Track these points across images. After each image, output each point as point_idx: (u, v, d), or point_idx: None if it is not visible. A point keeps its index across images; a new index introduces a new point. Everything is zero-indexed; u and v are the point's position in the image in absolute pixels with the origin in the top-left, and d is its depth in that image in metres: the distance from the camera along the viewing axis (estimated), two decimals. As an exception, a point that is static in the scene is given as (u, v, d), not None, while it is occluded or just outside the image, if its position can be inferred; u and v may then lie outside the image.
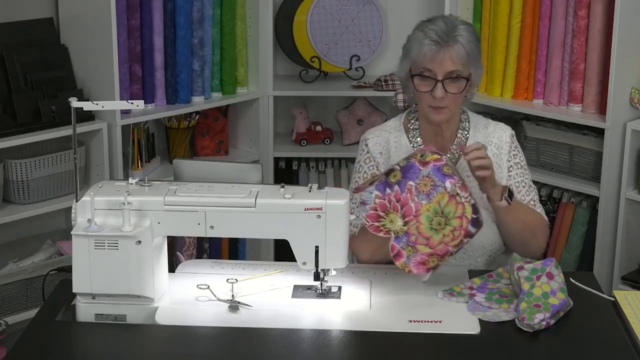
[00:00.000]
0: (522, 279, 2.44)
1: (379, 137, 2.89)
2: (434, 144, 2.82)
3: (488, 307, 2.45)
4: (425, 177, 2.51)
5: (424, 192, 2.49)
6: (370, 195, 2.52)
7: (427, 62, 2.71)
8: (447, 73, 2.71)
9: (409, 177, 2.51)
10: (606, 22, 3.77)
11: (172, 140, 4.12)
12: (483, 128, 2.88)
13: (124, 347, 2.33)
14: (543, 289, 2.42)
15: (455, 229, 2.50)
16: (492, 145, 2.85)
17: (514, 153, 2.86)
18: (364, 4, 4.35)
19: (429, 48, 2.70)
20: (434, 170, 2.50)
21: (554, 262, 2.49)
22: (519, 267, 2.48)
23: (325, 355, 2.28)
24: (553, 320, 2.38)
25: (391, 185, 2.52)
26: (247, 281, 2.58)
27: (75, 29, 3.78)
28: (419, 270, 2.52)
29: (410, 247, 2.50)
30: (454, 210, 2.49)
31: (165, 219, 2.41)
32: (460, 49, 2.71)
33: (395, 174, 2.53)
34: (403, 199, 2.50)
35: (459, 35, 2.72)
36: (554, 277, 2.45)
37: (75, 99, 2.43)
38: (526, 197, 2.83)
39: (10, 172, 3.56)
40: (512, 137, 2.88)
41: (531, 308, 2.38)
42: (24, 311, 3.61)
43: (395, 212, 2.50)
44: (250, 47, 4.20)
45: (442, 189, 2.49)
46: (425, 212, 2.49)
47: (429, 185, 2.50)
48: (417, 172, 2.51)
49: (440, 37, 2.70)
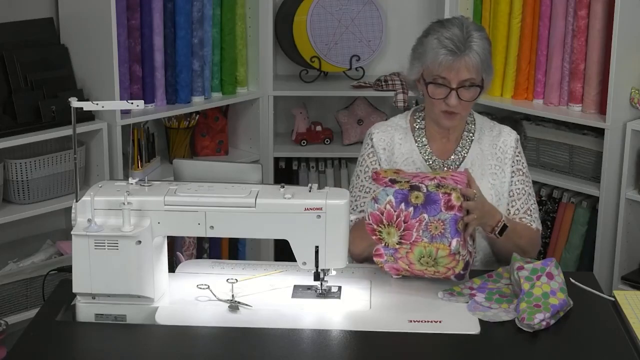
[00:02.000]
0: (522, 279, 2.44)
1: (384, 133, 2.89)
2: (439, 144, 2.84)
3: (488, 307, 2.45)
4: (440, 220, 2.47)
5: (430, 233, 2.47)
6: (385, 198, 2.50)
7: (442, 71, 2.70)
8: (462, 81, 2.71)
9: (427, 210, 2.48)
10: (606, 22, 3.77)
11: (172, 140, 4.12)
12: (488, 131, 2.88)
13: (124, 347, 2.33)
14: (543, 289, 2.42)
15: (439, 272, 2.52)
16: (496, 148, 2.85)
17: (518, 159, 2.86)
18: (364, 4, 4.34)
19: (445, 58, 2.69)
20: (451, 221, 2.47)
21: (554, 262, 2.49)
22: (519, 267, 2.48)
23: (325, 355, 2.28)
24: (553, 320, 2.38)
25: (408, 203, 2.49)
26: (247, 281, 2.58)
27: (75, 29, 3.78)
28: (391, 271, 2.57)
29: (393, 258, 2.53)
30: (447, 262, 2.49)
31: (165, 219, 2.41)
32: (475, 57, 2.70)
33: (417, 196, 2.49)
34: (410, 224, 2.48)
35: (474, 44, 2.70)
36: (554, 277, 2.45)
37: (75, 99, 2.43)
38: (524, 205, 2.83)
39: (10, 172, 3.56)
40: (517, 141, 2.87)
41: (531, 308, 2.38)
42: (24, 311, 3.61)
43: (397, 229, 2.49)
44: (250, 47, 4.20)
45: (447, 243, 2.47)
46: (420, 247, 2.48)
47: (439, 230, 2.47)
48: (436, 211, 2.47)
49: (456, 47, 2.68)
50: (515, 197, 2.83)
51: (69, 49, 3.80)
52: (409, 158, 2.84)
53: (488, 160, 2.84)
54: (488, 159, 2.84)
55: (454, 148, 2.85)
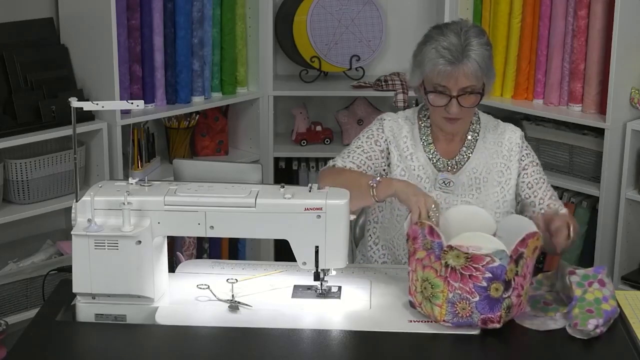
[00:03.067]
0: (574, 285, 2.42)
1: (395, 122, 2.88)
2: (443, 144, 2.85)
3: (534, 315, 2.43)
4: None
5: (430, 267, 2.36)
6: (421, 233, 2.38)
7: (441, 80, 2.70)
8: (462, 89, 2.70)
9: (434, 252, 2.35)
10: (606, 22, 3.77)
11: (172, 140, 4.12)
12: (493, 129, 2.89)
13: (124, 347, 2.33)
14: (595, 295, 2.39)
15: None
16: (502, 146, 2.86)
17: (527, 152, 2.88)
18: (364, 4, 4.34)
19: (444, 68, 2.68)
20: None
21: (606, 270, 2.47)
22: (570, 271, 2.45)
23: (325, 355, 2.28)
24: (605, 328, 2.35)
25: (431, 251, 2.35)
26: (247, 281, 2.58)
27: (75, 29, 3.78)
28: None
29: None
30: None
31: (165, 219, 2.41)
32: (474, 65, 2.69)
33: (457, 257, 2.31)
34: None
35: (473, 52, 2.69)
36: (605, 285, 2.43)
37: (75, 99, 2.43)
38: (546, 192, 2.85)
39: (10, 172, 3.56)
40: (522, 138, 2.88)
41: (584, 314, 2.35)
42: (24, 311, 3.61)
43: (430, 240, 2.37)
44: (250, 47, 4.20)
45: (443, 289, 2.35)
46: (422, 272, 2.38)
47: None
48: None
49: (454, 57, 2.67)
50: (536, 187, 2.84)
51: (69, 49, 3.80)
52: (413, 154, 2.83)
53: (493, 158, 2.85)
54: (493, 157, 2.85)
55: (459, 148, 2.86)
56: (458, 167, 2.84)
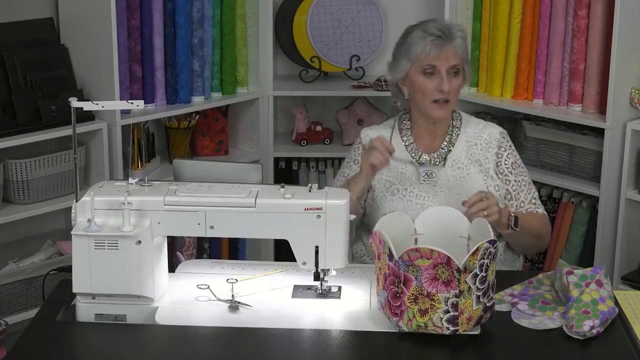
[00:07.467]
0: (572, 285, 2.42)
1: (372, 131, 3.00)
2: (426, 141, 2.93)
3: (532, 314, 2.43)
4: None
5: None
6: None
7: (431, 59, 2.82)
8: (450, 67, 2.83)
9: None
10: (606, 22, 3.77)
11: (172, 140, 4.12)
12: (475, 124, 2.99)
13: (124, 347, 2.33)
14: (592, 296, 2.39)
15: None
16: (481, 140, 2.94)
17: (509, 152, 2.95)
18: (364, 4, 4.35)
19: (434, 43, 2.81)
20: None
21: (604, 270, 2.47)
22: (568, 271, 2.45)
23: (325, 355, 2.28)
24: (602, 328, 2.35)
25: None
26: (247, 281, 2.58)
27: (75, 29, 3.78)
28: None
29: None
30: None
31: (165, 219, 2.41)
32: (461, 43, 2.86)
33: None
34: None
35: (457, 31, 2.86)
36: (603, 285, 2.43)
37: (75, 99, 2.43)
38: (527, 195, 2.92)
39: (10, 172, 3.56)
40: (501, 134, 2.97)
41: (580, 315, 2.35)
42: (24, 311, 3.61)
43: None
44: (250, 47, 4.20)
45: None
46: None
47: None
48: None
49: (442, 32, 2.82)
50: (518, 191, 2.92)
51: (69, 49, 3.80)
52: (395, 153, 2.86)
53: (473, 149, 2.93)
54: (473, 148, 2.94)
55: (441, 143, 2.94)
56: (440, 160, 2.91)
